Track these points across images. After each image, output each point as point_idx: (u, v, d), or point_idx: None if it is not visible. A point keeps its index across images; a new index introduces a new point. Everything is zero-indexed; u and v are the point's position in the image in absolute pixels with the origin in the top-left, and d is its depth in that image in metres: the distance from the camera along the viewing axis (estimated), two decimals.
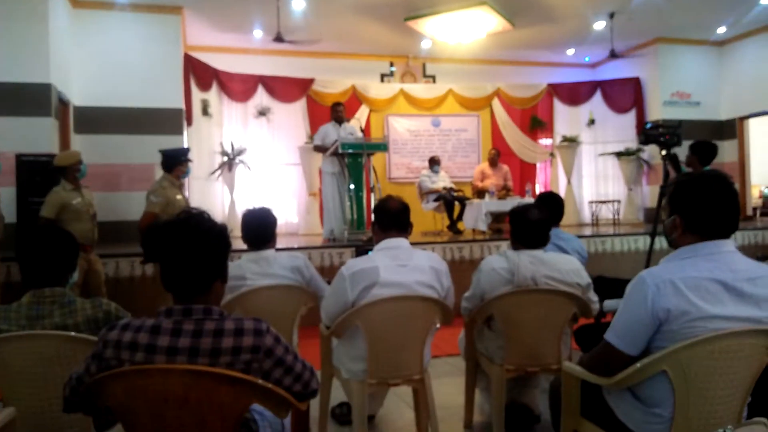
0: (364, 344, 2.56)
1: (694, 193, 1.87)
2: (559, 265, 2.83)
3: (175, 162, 5.03)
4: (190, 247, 1.52)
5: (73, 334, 1.92)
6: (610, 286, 3.62)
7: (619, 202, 10.23)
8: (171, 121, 8.04)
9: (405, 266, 2.63)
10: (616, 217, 10.03)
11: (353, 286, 2.56)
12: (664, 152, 4.72)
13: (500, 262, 2.84)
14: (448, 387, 3.74)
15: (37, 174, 5.92)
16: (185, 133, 8.33)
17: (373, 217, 2.85)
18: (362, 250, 3.75)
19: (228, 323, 1.49)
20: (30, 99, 6.45)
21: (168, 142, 7.67)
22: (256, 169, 9.44)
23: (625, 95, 10.73)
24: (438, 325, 2.75)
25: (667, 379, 1.79)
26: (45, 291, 1.99)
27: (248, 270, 3.06)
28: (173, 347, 1.43)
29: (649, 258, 4.82)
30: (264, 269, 3.08)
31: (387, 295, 2.54)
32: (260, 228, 3.20)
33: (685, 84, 10.36)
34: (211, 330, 1.46)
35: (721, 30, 9.84)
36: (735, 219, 1.87)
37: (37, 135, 6.44)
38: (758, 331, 1.79)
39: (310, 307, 3.20)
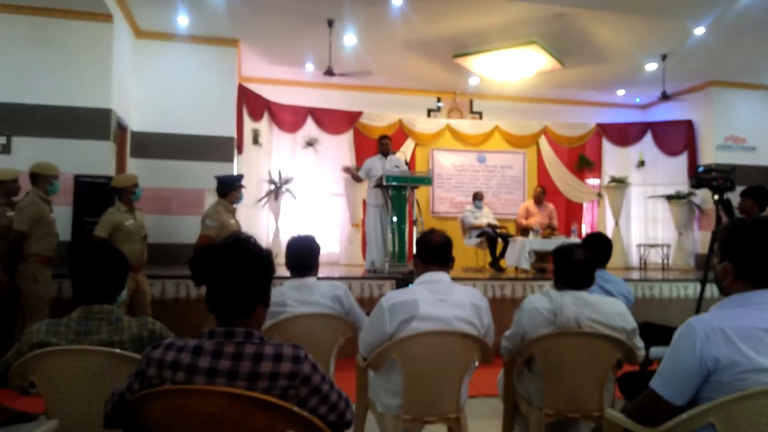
0: (401, 378, 2.54)
1: (746, 239, 1.81)
2: (604, 307, 2.76)
3: (230, 188, 5.28)
4: (236, 270, 1.56)
5: (118, 351, 1.97)
6: (657, 333, 3.50)
7: (668, 246, 9.93)
8: (222, 148, 8.28)
9: (445, 301, 2.62)
10: (665, 261, 9.74)
11: (392, 318, 2.56)
12: (716, 197, 4.59)
13: (543, 301, 2.79)
14: (484, 428, 3.66)
15: (93, 195, 6.17)
16: (235, 160, 8.56)
17: (415, 249, 2.85)
18: (402, 282, 3.74)
19: (267, 348, 1.51)
20: (91, 123, 6.75)
21: (219, 169, 7.90)
22: (301, 198, 9.60)
23: (677, 137, 10.52)
24: (477, 363, 2.71)
25: None
26: (94, 307, 2.06)
27: (289, 297, 3.09)
28: (213, 369, 1.45)
29: (699, 305, 4.66)
30: (305, 297, 3.11)
31: (426, 329, 2.52)
32: (304, 255, 3.24)
33: (739, 128, 10.10)
34: (251, 354, 1.48)
35: None
36: None
37: (96, 157, 6.73)
38: None
39: (349, 338, 3.20)
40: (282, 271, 3.42)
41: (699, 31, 7.55)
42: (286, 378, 1.48)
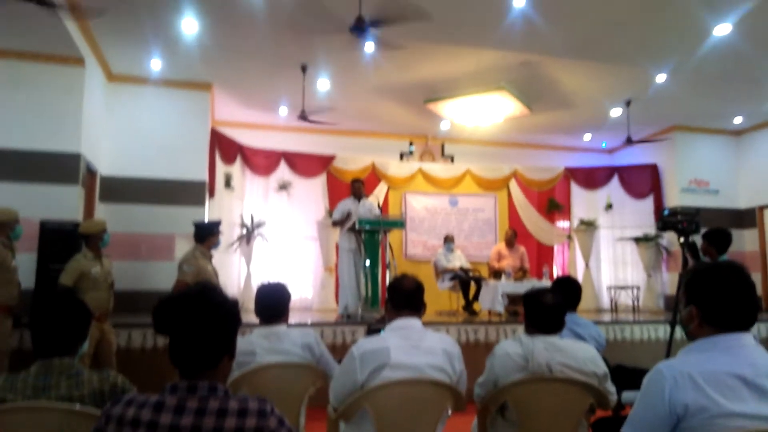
0: (373, 429, 2.48)
1: (710, 284, 1.84)
2: (575, 352, 2.76)
3: (208, 233, 5.26)
4: (200, 321, 1.52)
5: (77, 406, 1.89)
6: (629, 375, 3.50)
7: (638, 288, 10.05)
8: (194, 192, 8.23)
9: (417, 348, 2.59)
10: (635, 303, 9.84)
11: (363, 366, 2.52)
12: (682, 239, 4.68)
13: (514, 347, 2.78)
14: None
15: (59, 241, 6.03)
16: (207, 204, 8.49)
17: (386, 295, 2.83)
18: (374, 329, 3.70)
19: (232, 403, 1.46)
20: (59, 167, 6.66)
21: (190, 213, 7.86)
22: (274, 242, 9.54)
23: (643, 181, 10.79)
24: (450, 412, 2.67)
25: None
26: (54, 361, 1.99)
27: (258, 345, 3.02)
28: (175, 426, 1.40)
29: (670, 347, 4.69)
30: (274, 345, 3.04)
31: (397, 377, 2.49)
32: (274, 302, 3.19)
33: (703, 172, 10.41)
34: (215, 409, 1.44)
35: (738, 120, 9.98)
36: (754, 311, 1.83)
37: (63, 202, 6.62)
38: None
39: (319, 387, 3.14)
40: (252, 317, 3.36)
41: (661, 78, 7.84)
42: None
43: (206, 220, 7.94)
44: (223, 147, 9.13)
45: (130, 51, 7.29)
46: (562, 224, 11.31)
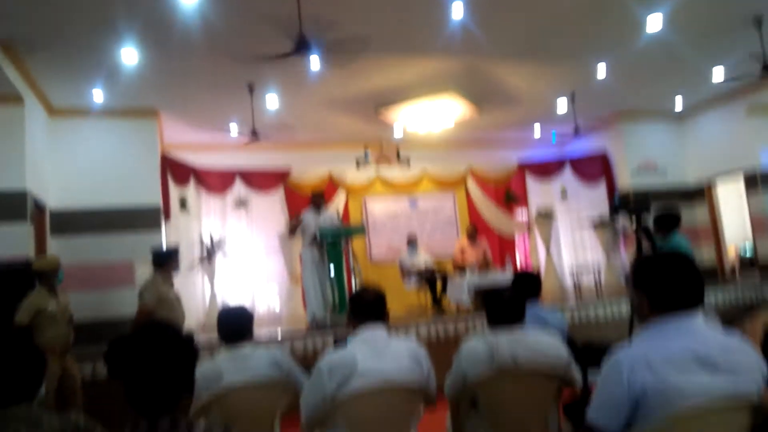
0: None
1: (654, 273, 1.94)
2: (538, 342, 2.82)
3: (167, 259, 5.21)
4: (155, 363, 1.49)
5: None
6: (597, 353, 3.59)
7: (599, 269, 10.28)
8: (149, 218, 8.08)
9: (383, 354, 2.61)
10: (597, 284, 10.06)
11: (331, 378, 2.51)
12: (634, 224, 4.82)
13: (479, 343, 2.83)
14: None
15: (11, 279, 5.83)
16: (163, 228, 8.34)
17: (349, 308, 2.84)
18: (340, 339, 3.70)
19: None
20: (5, 205, 6.44)
21: (146, 238, 7.72)
22: (236, 259, 9.43)
23: (594, 168, 11.05)
24: (422, 413, 2.70)
25: None
26: (11, 409, 1.93)
27: (225, 368, 2.99)
28: None
29: (632, 323, 4.81)
30: (242, 365, 3.02)
31: (366, 385, 2.50)
32: (236, 323, 3.16)
33: (650, 154, 10.71)
34: None
35: (679, 103, 10.29)
36: (699, 291, 1.91)
37: (12, 240, 6.40)
38: (736, 403, 1.79)
39: (291, 401, 3.12)
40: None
41: (601, 69, 8.01)
42: None
43: (164, 244, 7.83)
44: (175, 170, 8.98)
45: (70, 84, 7.11)
46: (521, 215, 11.49)
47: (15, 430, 1.90)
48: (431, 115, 8.82)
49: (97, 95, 7.43)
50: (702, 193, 10.73)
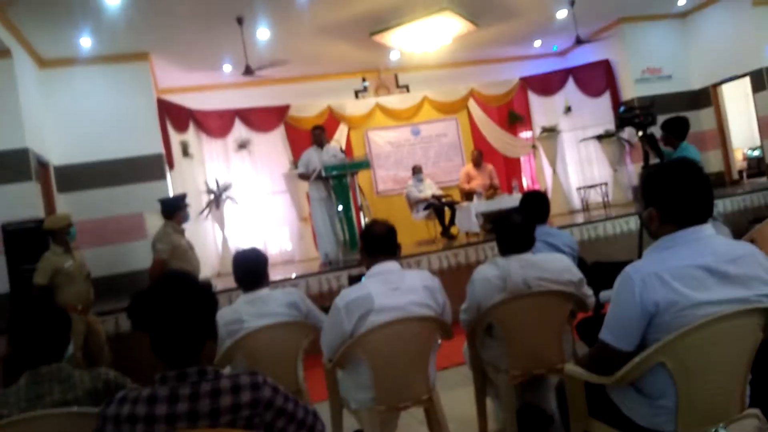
0: (369, 372, 2.57)
1: (664, 184, 1.90)
2: (549, 265, 2.85)
3: (175, 208, 5.24)
4: (177, 312, 1.53)
5: (75, 409, 1.91)
6: (608, 271, 3.63)
7: (606, 184, 10.27)
8: (152, 167, 8.04)
9: (398, 289, 2.65)
10: (605, 199, 10.08)
11: (349, 316, 2.58)
12: (640, 133, 4.75)
13: (491, 270, 2.86)
14: (460, 397, 3.73)
15: (24, 241, 5.89)
16: (168, 176, 8.32)
17: (360, 243, 2.87)
18: (355, 277, 3.76)
19: (224, 382, 1.50)
20: (8, 166, 6.42)
21: (152, 188, 7.72)
22: (243, 202, 9.46)
23: (597, 79, 10.81)
24: (439, 342, 2.77)
25: (666, 371, 1.80)
26: (41, 369, 1.99)
27: (244, 312, 3.06)
28: (172, 414, 1.44)
29: (641, 239, 4.84)
30: (260, 309, 3.08)
31: (384, 320, 2.55)
32: (252, 268, 3.20)
33: (654, 59, 10.45)
34: (208, 391, 1.47)
35: (682, 1, 9.95)
36: (709, 203, 1.90)
37: (21, 201, 6.42)
38: (749, 311, 1.81)
39: (312, 340, 3.21)
40: (232, 283, 3.38)
41: None
42: (248, 407, 1.48)
43: (170, 194, 7.83)
44: (173, 115, 8.86)
45: (56, 33, 6.92)
46: (525, 135, 11.36)
47: (49, 388, 1.97)
48: (427, 35, 8.56)
49: (85, 42, 7.26)
50: (708, 97, 10.52)
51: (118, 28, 6.98)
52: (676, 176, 1.88)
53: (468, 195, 8.75)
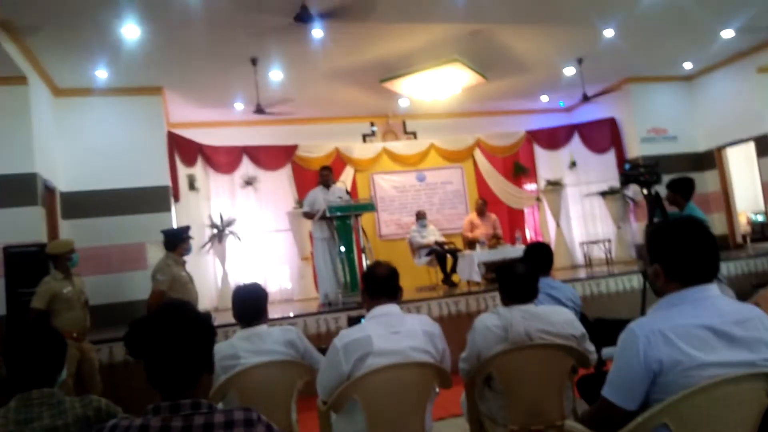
0: (363, 417, 2.51)
1: (670, 242, 1.89)
2: (552, 317, 2.82)
3: (178, 240, 5.22)
4: (175, 342, 1.51)
5: None
6: (610, 328, 3.59)
7: (609, 240, 10.26)
8: (158, 198, 8.10)
9: (398, 333, 2.61)
10: (608, 256, 10.05)
11: (347, 357, 2.53)
12: (645, 191, 4.78)
13: (493, 319, 2.83)
14: None
15: (25, 264, 5.89)
16: (173, 209, 8.37)
17: (361, 285, 2.85)
18: (354, 319, 3.72)
19: (218, 416, 1.46)
20: (15, 190, 6.48)
21: (156, 219, 7.74)
22: (246, 238, 9.46)
23: (603, 136, 10.94)
24: (437, 390, 2.72)
25: None
26: (33, 393, 1.96)
27: (241, 348, 3.02)
28: None
29: (644, 297, 4.81)
30: (257, 346, 3.04)
31: (382, 364, 2.51)
32: (251, 304, 3.17)
33: (660, 120, 10.59)
34: (201, 425, 1.43)
35: (688, 65, 10.15)
36: (715, 263, 1.89)
37: (25, 225, 6.45)
38: (754, 375, 1.77)
39: (307, 381, 3.15)
40: (231, 317, 3.34)
41: (608, 33, 7.91)
42: None
43: (174, 226, 7.84)
44: (182, 149, 8.98)
45: (73, 64, 7.08)
46: (530, 187, 11.43)
47: (38, 413, 1.93)
48: (437, 84, 8.72)
49: (101, 74, 7.42)
50: (712, 160, 10.62)
51: (135, 62, 7.14)
52: (683, 233, 1.88)
53: (471, 243, 8.75)
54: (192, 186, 9.15)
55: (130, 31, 6.23)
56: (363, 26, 6.79)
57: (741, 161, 11.03)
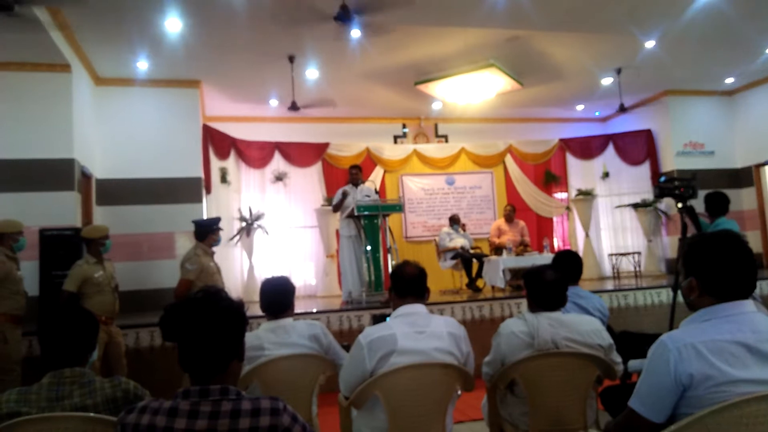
0: (384, 415, 2.52)
1: (707, 255, 1.85)
2: (579, 326, 2.79)
3: (208, 231, 5.25)
4: (208, 327, 1.54)
5: (92, 414, 1.92)
6: (635, 342, 3.54)
7: (639, 253, 10.10)
8: (191, 190, 8.22)
9: (423, 333, 2.61)
10: (637, 269, 9.89)
11: (371, 354, 2.54)
12: (680, 205, 4.69)
13: (519, 325, 2.81)
14: None
15: (59, 247, 6.05)
16: (204, 200, 8.49)
17: (390, 282, 2.85)
18: (379, 316, 3.73)
19: (245, 403, 1.48)
20: (54, 174, 6.65)
21: (188, 210, 7.87)
22: (274, 233, 9.55)
23: (638, 147, 10.78)
24: (459, 392, 2.71)
25: None
26: (65, 371, 2.01)
27: (266, 340, 3.04)
28: (190, 429, 1.43)
29: (673, 312, 4.72)
30: (282, 338, 3.07)
31: (405, 363, 2.51)
32: (279, 297, 3.20)
33: (697, 134, 10.39)
34: (228, 411, 1.46)
35: (729, 80, 9.94)
36: (752, 278, 1.85)
37: (61, 209, 6.62)
38: None
39: (329, 376, 3.17)
40: (258, 309, 3.38)
41: (649, 44, 7.80)
42: None
43: (205, 217, 7.95)
44: (216, 142, 9.11)
45: (115, 54, 7.24)
46: (560, 195, 11.31)
47: (69, 391, 1.98)
48: (471, 88, 8.68)
49: (142, 65, 7.58)
50: (750, 177, 10.38)
51: (175, 55, 7.26)
52: (720, 248, 1.84)
53: (497, 249, 8.69)
54: (224, 179, 9.28)
55: (173, 24, 6.35)
56: (401, 28, 6.80)
57: None
